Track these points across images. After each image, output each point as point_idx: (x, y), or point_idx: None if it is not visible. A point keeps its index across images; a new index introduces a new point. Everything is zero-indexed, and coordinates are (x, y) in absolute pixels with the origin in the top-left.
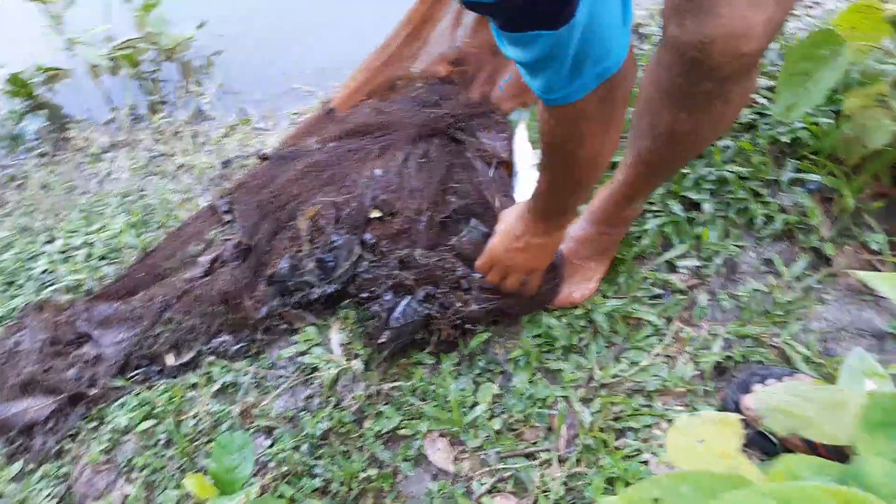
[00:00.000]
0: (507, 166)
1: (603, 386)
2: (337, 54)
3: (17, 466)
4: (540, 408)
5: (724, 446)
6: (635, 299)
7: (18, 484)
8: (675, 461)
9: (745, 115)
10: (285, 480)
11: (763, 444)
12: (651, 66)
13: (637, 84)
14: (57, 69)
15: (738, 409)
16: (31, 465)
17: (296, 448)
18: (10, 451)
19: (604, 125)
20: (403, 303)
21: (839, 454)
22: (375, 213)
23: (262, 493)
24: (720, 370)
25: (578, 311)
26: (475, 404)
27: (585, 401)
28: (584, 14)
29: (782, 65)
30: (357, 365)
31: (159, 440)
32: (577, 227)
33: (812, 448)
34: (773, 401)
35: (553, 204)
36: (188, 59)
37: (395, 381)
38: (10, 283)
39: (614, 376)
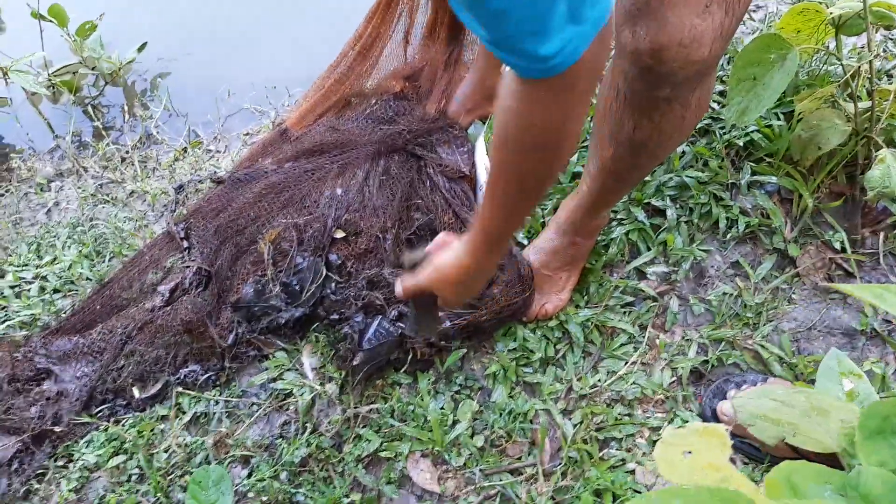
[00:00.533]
0: (469, 180)
1: (583, 397)
2: (285, 71)
3: None
4: (521, 422)
5: (712, 458)
6: (608, 308)
7: None
8: (664, 474)
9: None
10: None
11: (743, 449)
12: (606, 74)
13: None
14: None
15: (714, 416)
16: None
17: (275, 477)
18: None
19: (588, 94)
20: (375, 323)
21: (829, 458)
22: (340, 234)
23: None
24: (697, 375)
25: (553, 323)
26: (456, 422)
27: (566, 413)
28: None
29: (731, 69)
30: (332, 388)
31: (131, 475)
32: (545, 239)
33: (797, 451)
34: (752, 407)
35: (516, 215)
36: (132, 81)
37: (372, 402)
38: None
39: (593, 386)
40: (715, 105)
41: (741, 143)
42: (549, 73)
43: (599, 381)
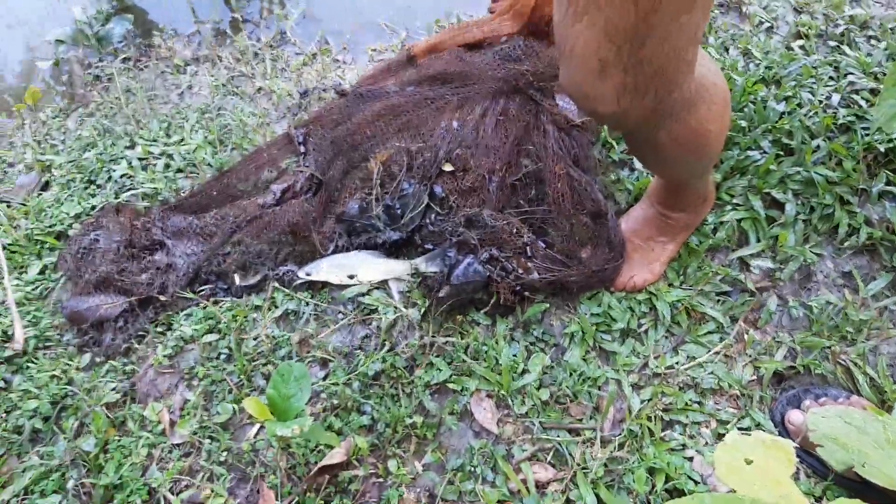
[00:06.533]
0: (583, 130)
1: (656, 375)
2: None
3: (86, 358)
4: (590, 386)
5: (775, 472)
6: (702, 293)
7: (87, 374)
8: (721, 478)
9: (843, 115)
10: (335, 413)
11: (808, 461)
12: None
13: None
14: None
15: (782, 422)
16: (100, 359)
17: (348, 384)
18: (81, 343)
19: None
20: (466, 261)
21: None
22: (448, 167)
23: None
24: (779, 378)
25: (642, 296)
26: (525, 371)
27: (637, 387)
28: None
29: (889, 69)
30: (414, 314)
31: (221, 354)
32: (637, 207)
33: (865, 480)
34: (825, 427)
35: None
36: None
37: (449, 335)
38: (91, 182)
39: (669, 367)
40: (863, 102)
41: (882, 149)
42: None
43: (677, 363)
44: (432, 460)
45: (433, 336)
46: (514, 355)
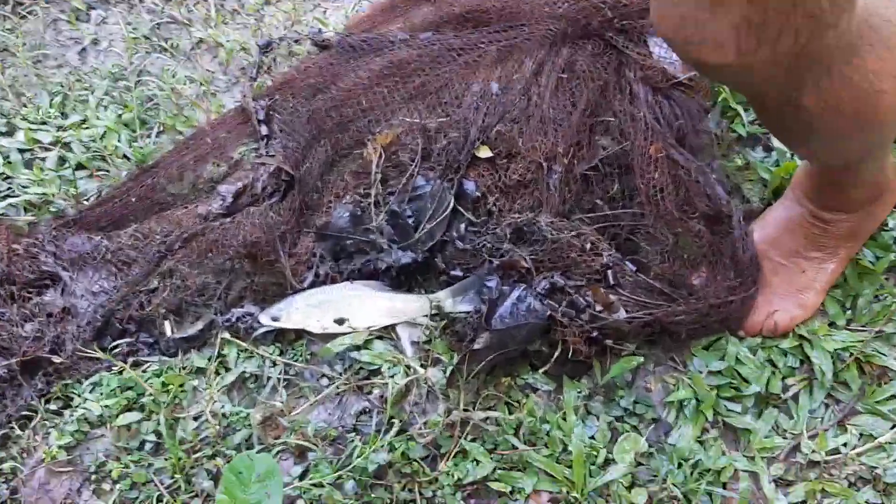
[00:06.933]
0: (691, 90)
1: (813, 464)
2: None
3: None
4: (710, 482)
5: None
6: (882, 336)
7: None
8: None
9: None
10: None
11: None
12: None
13: None
14: None
15: None
16: None
17: (338, 485)
18: None
19: None
20: (514, 295)
21: None
22: (485, 152)
23: None
24: None
25: (787, 343)
26: (609, 462)
27: (782, 482)
28: None
29: None
30: (436, 376)
31: (145, 443)
32: (777, 206)
33: None
34: None
35: None
36: None
37: (490, 408)
38: None
39: (833, 452)
40: None
41: None
42: None
43: (846, 444)
44: None
45: (466, 409)
46: (592, 437)
